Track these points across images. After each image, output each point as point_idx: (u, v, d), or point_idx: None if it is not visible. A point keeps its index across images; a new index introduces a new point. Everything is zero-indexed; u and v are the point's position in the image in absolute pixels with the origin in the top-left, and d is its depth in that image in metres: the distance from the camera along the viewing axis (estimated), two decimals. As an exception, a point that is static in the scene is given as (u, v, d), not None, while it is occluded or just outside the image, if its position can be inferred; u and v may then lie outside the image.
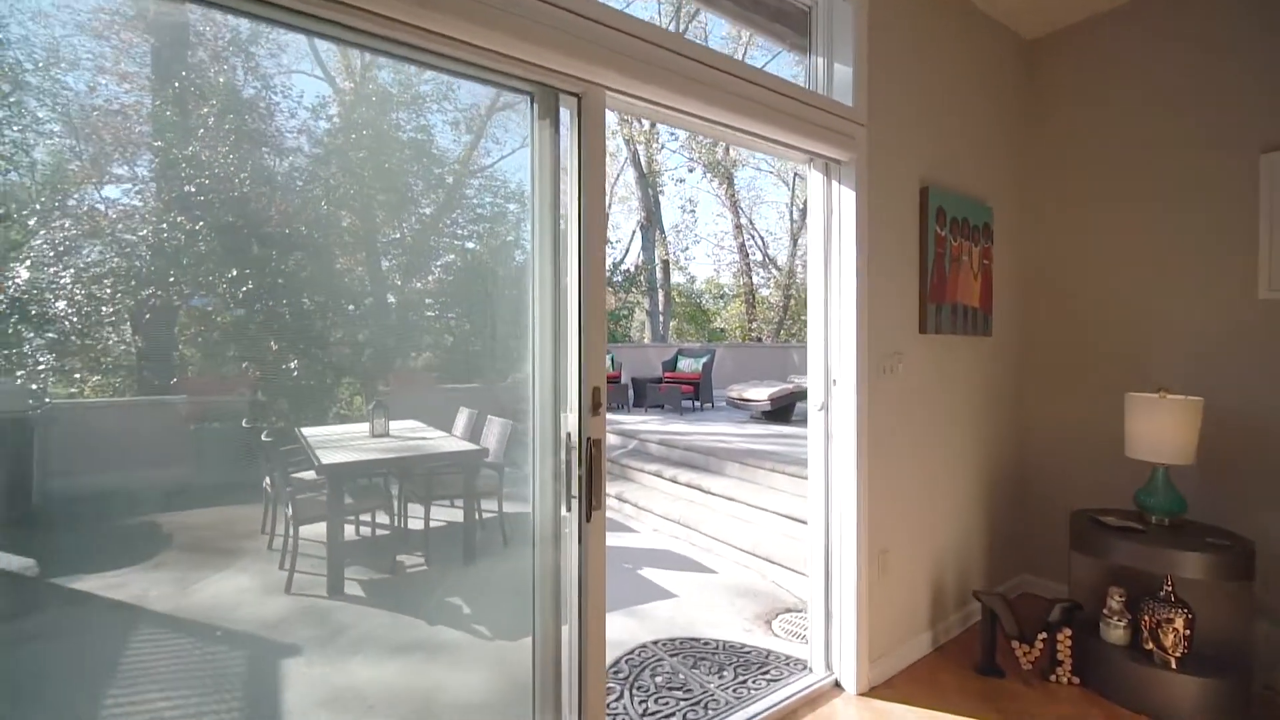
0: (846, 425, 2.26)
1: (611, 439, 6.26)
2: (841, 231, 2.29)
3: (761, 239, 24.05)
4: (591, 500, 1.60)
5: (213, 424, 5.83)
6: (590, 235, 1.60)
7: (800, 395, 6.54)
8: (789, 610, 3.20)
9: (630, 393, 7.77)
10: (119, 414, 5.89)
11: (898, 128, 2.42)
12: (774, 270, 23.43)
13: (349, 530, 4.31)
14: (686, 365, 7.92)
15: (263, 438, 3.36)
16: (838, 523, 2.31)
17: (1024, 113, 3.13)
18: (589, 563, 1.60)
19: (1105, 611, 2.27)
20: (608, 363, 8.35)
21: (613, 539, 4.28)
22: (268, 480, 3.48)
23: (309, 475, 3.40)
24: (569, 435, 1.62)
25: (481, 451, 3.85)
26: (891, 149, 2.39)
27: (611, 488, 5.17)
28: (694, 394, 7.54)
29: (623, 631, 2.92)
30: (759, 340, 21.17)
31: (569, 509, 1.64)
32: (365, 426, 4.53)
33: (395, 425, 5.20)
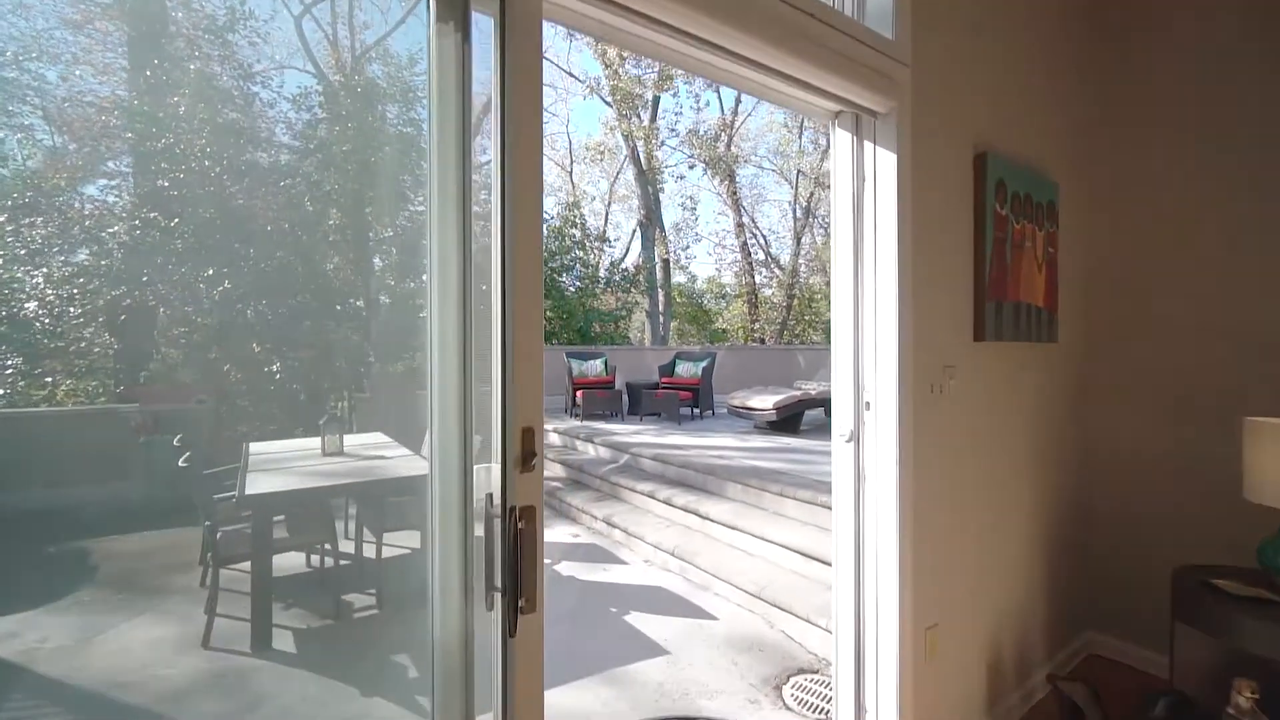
0: (884, 464, 1.71)
1: (601, 453, 5.72)
2: (877, 207, 1.74)
3: (764, 238, 23.53)
4: (519, 598, 1.05)
5: (164, 436, 5.28)
6: (519, 200, 1.06)
7: (810, 403, 5.99)
8: (803, 671, 2.65)
9: (625, 399, 7.23)
10: (63, 424, 5.31)
11: (947, 73, 1.87)
12: (777, 270, 22.90)
13: (298, 560, 3.77)
14: (685, 370, 7.38)
15: (179, 462, 2.82)
16: (872, 588, 1.76)
17: (1098, 64, 2.57)
18: (516, 700, 1.05)
19: (1231, 711, 1.72)
20: (600, 366, 7.81)
21: (599, 573, 3.73)
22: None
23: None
24: (489, 497, 1.08)
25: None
26: (940, 101, 1.84)
27: (599, 509, 4.62)
28: (693, 401, 6.99)
29: (602, 707, 2.38)
30: (762, 341, 20.62)
31: (489, 606, 1.09)
32: (318, 443, 4.00)
33: (359, 440, 4.66)
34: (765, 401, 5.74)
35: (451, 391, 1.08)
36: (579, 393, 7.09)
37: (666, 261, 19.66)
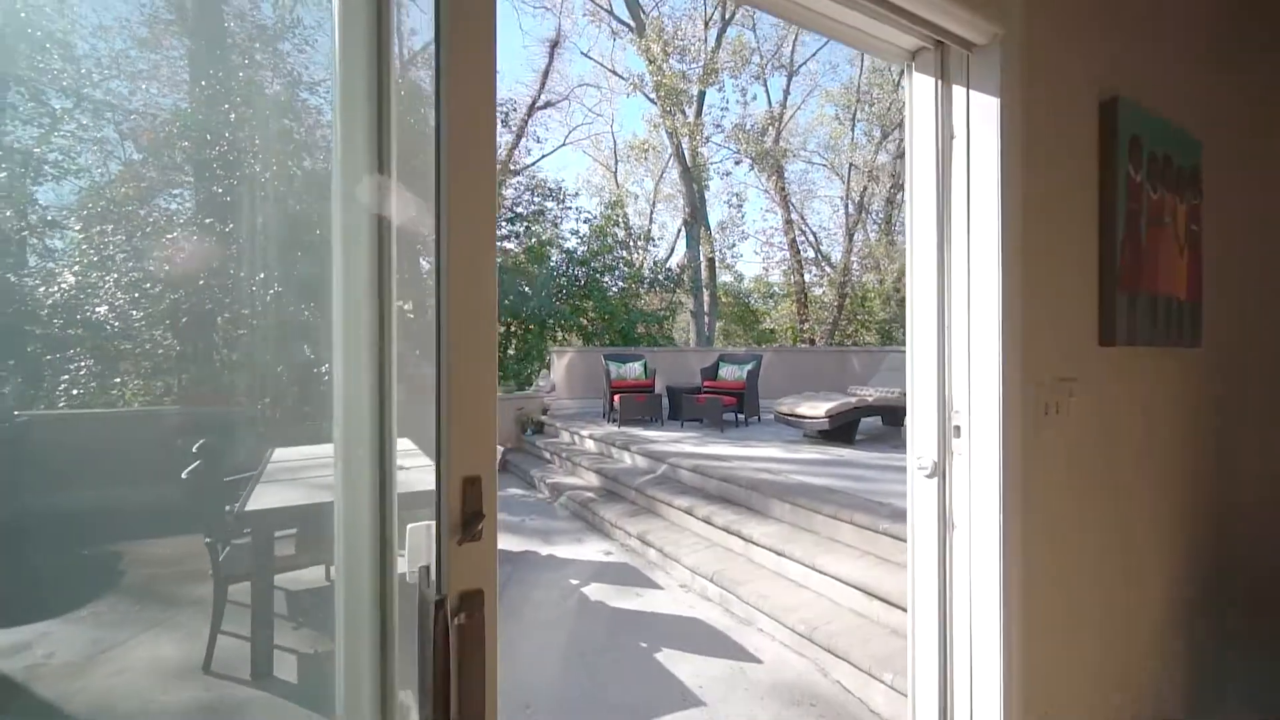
0: (982, 510, 1.29)
1: (638, 462, 5.38)
2: (971, 171, 1.33)
3: (814, 235, 22.70)
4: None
5: (206, 437, 5.26)
6: (462, 151, 0.73)
7: (866, 410, 5.47)
8: (864, 737, 2.22)
9: (665, 404, 6.87)
10: (103, 427, 5.38)
11: (1065, -4, 1.43)
12: (827, 268, 22.04)
13: (318, 573, 3.61)
14: (729, 373, 6.94)
15: (183, 473, 2.66)
16: (964, 660, 1.35)
17: None
18: None
19: None
20: (639, 369, 7.47)
21: (630, 599, 3.39)
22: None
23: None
24: (425, 570, 0.76)
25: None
26: (1059, 26, 1.41)
27: (634, 524, 4.28)
28: (737, 406, 6.55)
29: (619, 775, 2.03)
30: (811, 342, 19.86)
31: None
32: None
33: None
34: (816, 408, 5.26)
35: (362, 426, 0.76)
36: (616, 396, 6.78)
37: (712, 260, 19.19)
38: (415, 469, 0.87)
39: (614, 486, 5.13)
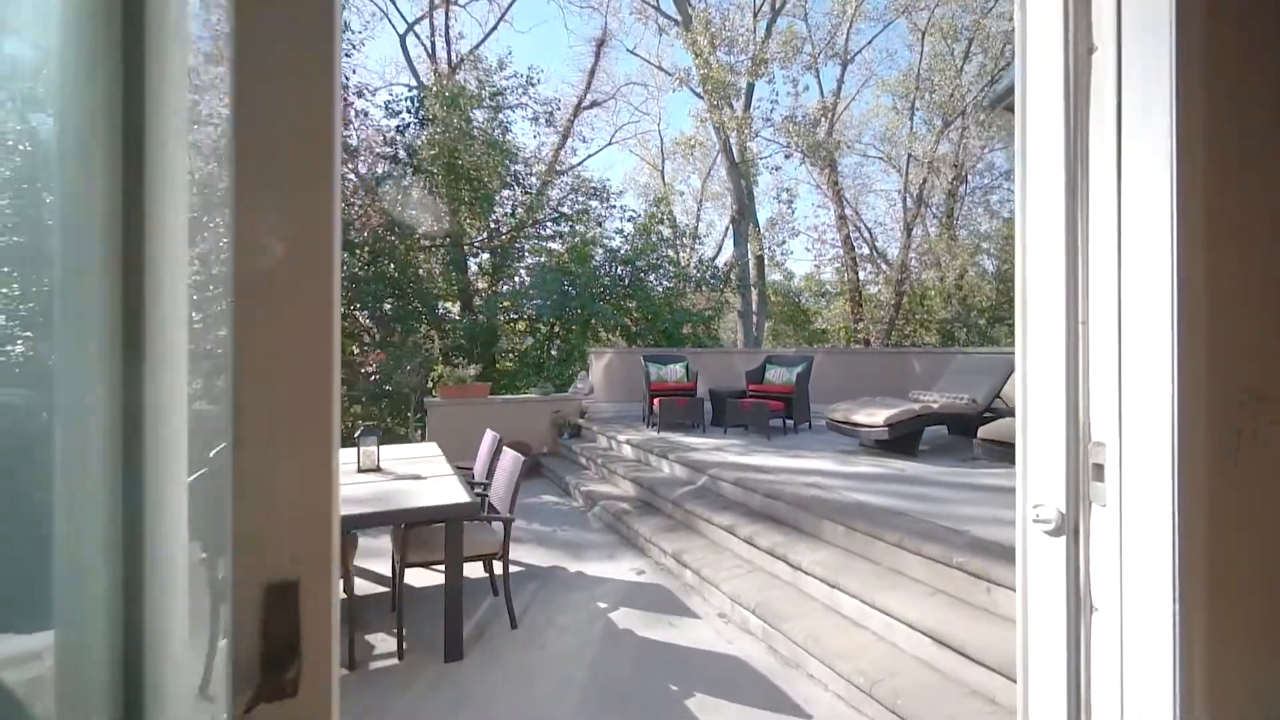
0: (1146, 588, 0.88)
1: (677, 471, 5.01)
2: (1123, 95, 0.92)
3: (869, 231, 21.73)
4: None
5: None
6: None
7: (931, 419, 4.92)
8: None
9: (707, 408, 6.47)
10: None
11: None
12: (883, 265, 21.04)
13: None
14: (776, 376, 6.48)
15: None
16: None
17: None
18: None
19: None
20: (680, 371, 7.10)
21: (663, 629, 3.04)
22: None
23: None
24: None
25: (470, 506, 2.78)
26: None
27: (670, 541, 3.93)
28: (785, 412, 6.09)
29: None
30: (866, 343, 18.96)
31: None
32: (357, 455, 3.65)
33: (408, 452, 4.30)
34: (874, 415, 4.76)
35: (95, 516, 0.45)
36: (656, 400, 6.43)
37: (760, 258, 18.57)
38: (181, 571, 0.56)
39: (651, 497, 4.79)
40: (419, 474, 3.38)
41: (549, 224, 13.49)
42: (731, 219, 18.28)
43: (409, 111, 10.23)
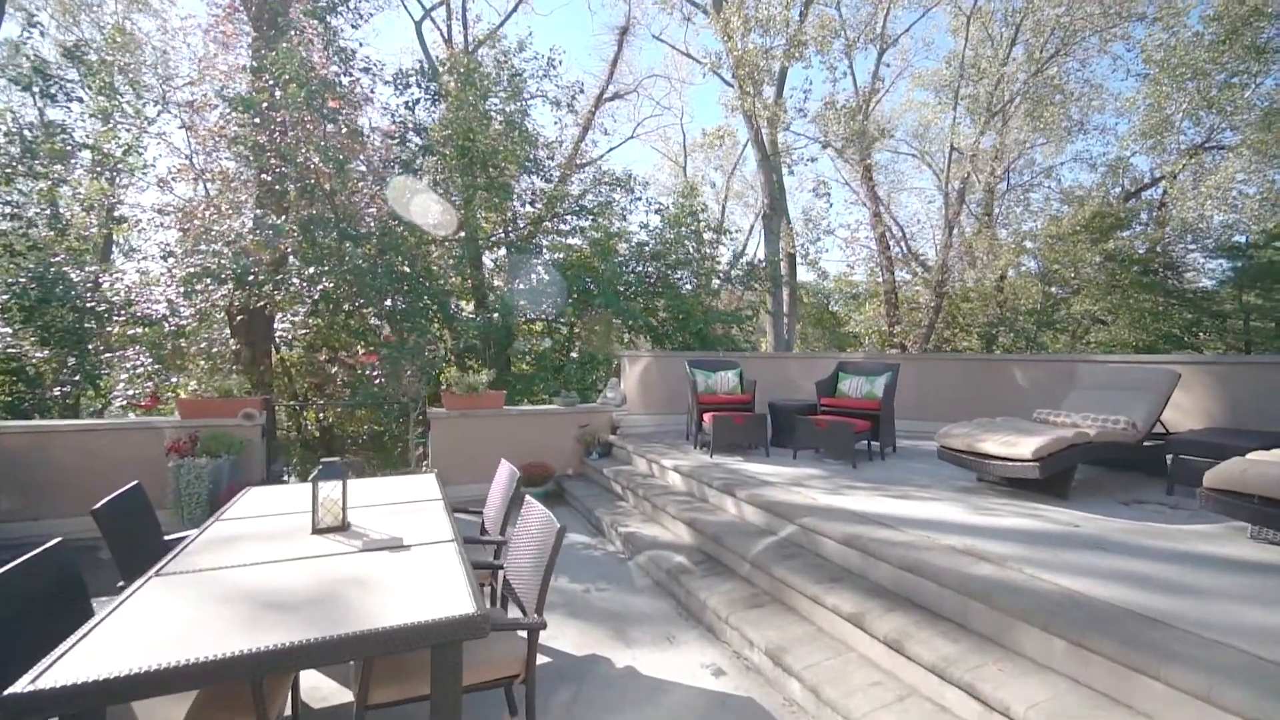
0: None
1: (748, 515, 3.85)
2: None
3: (902, 230, 20.49)
4: None
5: (197, 460, 4.13)
6: None
7: (1088, 449, 3.72)
8: None
9: (768, 426, 5.29)
10: (82, 440, 4.30)
11: None
12: (917, 267, 19.75)
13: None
14: (853, 387, 5.29)
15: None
16: None
17: None
18: None
19: None
20: (733, 380, 5.87)
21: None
22: None
23: None
24: None
25: (473, 621, 1.65)
26: None
27: (757, 626, 2.78)
28: (870, 433, 4.91)
29: None
30: (902, 348, 17.71)
31: None
32: (313, 506, 2.53)
33: (395, 491, 3.18)
34: (1015, 446, 3.56)
35: None
36: (706, 415, 5.27)
37: (792, 256, 17.35)
38: None
39: (716, 550, 3.63)
40: (401, 539, 2.26)
41: (569, 218, 12.39)
42: (763, 214, 17.09)
43: (419, 86, 9.18)
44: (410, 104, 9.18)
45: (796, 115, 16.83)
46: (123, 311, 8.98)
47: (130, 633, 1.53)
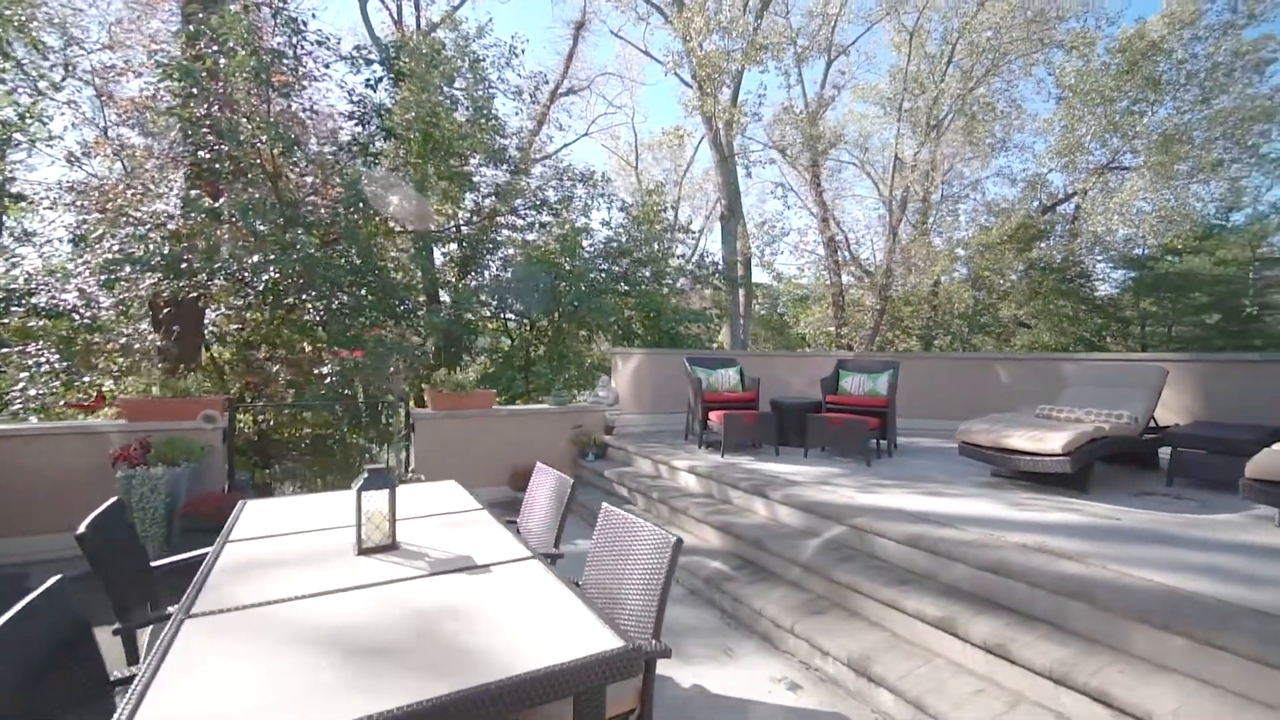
0: None
1: (782, 516, 3.71)
2: None
3: (845, 236, 21.28)
4: None
5: (152, 470, 3.56)
6: None
7: (1109, 442, 3.83)
8: None
9: (775, 424, 5.20)
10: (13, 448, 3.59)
11: None
12: (859, 272, 20.57)
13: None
14: (856, 385, 5.29)
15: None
16: None
17: None
18: None
19: None
20: (734, 378, 5.73)
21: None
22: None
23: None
24: None
25: (625, 656, 1.39)
26: None
27: (828, 633, 2.64)
28: (879, 430, 4.90)
29: None
30: (849, 349, 18.37)
31: None
32: (357, 521, 2.12)
33: (419, 500, 2.78)
34: (1043, 441, 3.62)
35: None
36: (714, 414, 5.11)
37: (748, 258, 17.61)
38: None
39: (755, 554, 3.46)
40: (471, 558, 1.94)
41: (529, 212, 11.92)
42: (721, 216, 17.24)
43: (382, 64, 8.53)
44: (372, 82, 8.51)
45: (752, 120, 17.10)
46: (22, 302, 7.83)
47: (189, 703, 1.17)
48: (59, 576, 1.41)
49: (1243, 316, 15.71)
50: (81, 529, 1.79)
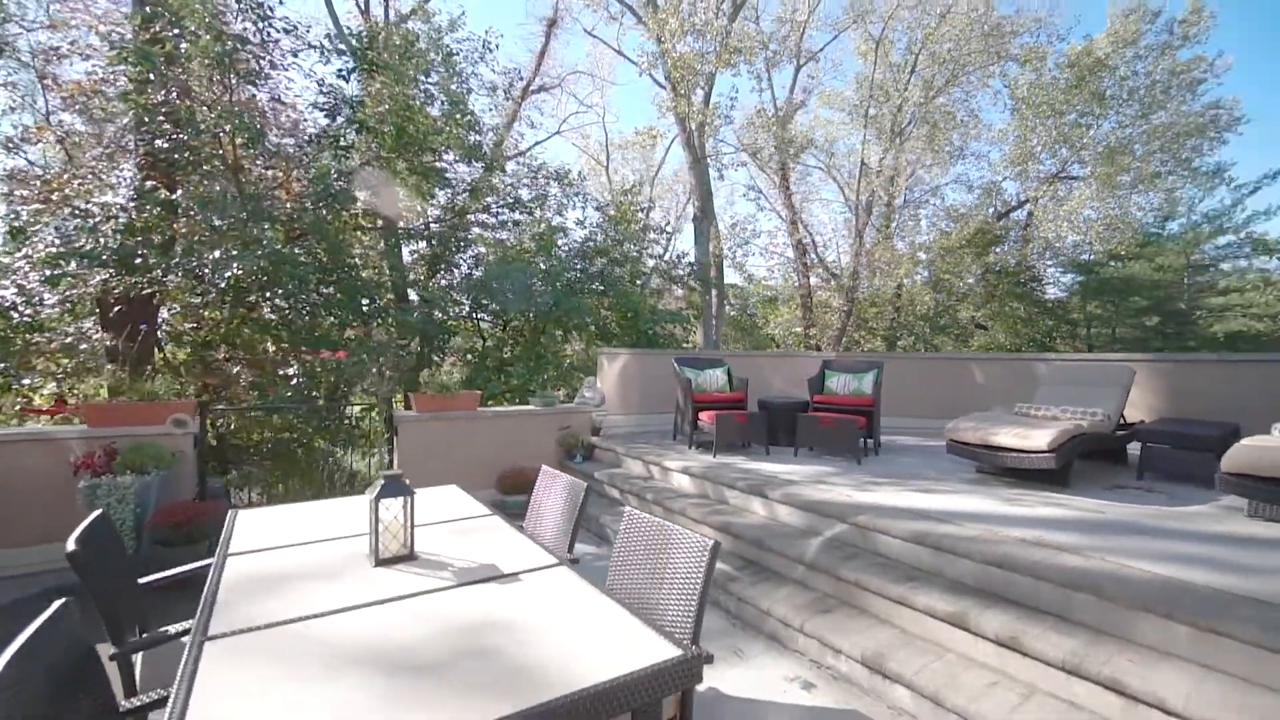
0: None
1: (781, 515, 3.73)
2: None
3: (813, 239, 21.72)
4: None
5: (120, 478, 3.33)
6: None
7: (1088, 438, 3.99)
8: None
9: (765, 424, 5.23)
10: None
11: None
12: (825, 273, 21.03)
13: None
14: (842, 385, 5.38)
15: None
16: None
17: None
18: None
19: None
20: (722, 378, 5.75)
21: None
22: None
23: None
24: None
25: (684, 666, 1.35)
26: None
27: (837, 631, 2.66)
28: (866, 429, 5.00)
29: None
30: (818, 348, 18.74)
31: None
32: (373, 529, 1.98)
33: (423, 507, 2.66)
34: (1029, 438, 3.75)
35: None
36: (705, 414, 5.12)
37: (720, 259, 17.77)
38: None
39: (758, 554, 3.47)
40: (497, 566, 1.88)
41: (502, 210, 11.72)
42: (694, 218, 17.33)
43: (354, 54, 8.23)
44: (345, 74, 8.20)
45: (724, 122, 17.27)
46: (-48, 298, 7.24)
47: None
48: (64, 600, 1.28)
49: (1178, 319, 16.71)
50: (71, 545, 1.64)
